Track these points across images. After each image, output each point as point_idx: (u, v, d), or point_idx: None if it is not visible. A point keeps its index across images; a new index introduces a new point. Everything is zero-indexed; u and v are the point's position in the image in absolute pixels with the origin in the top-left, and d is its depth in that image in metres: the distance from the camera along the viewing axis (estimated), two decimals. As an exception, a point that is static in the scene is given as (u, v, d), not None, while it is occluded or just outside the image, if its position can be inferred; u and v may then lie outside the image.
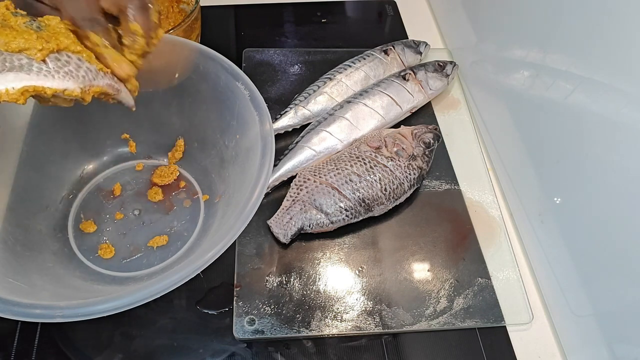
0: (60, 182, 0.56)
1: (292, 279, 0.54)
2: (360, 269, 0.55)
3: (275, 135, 0.55)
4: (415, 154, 0.59)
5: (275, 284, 0.53)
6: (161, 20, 0.64)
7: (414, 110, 0.67)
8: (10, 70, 0.31)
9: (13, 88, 0.31)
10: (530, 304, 0.54)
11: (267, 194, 0.59)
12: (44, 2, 0.36)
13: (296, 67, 0.73)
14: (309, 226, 0.55)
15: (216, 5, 0.81)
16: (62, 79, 0.33)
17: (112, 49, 0.38)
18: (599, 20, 0.45)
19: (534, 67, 0.56)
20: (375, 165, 0.57)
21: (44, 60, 0.32)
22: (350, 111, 0.63)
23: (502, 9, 0.63)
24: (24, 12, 0.35)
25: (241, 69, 0.50)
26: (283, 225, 0.55)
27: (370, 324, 0.51)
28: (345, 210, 0.55)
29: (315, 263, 0.55)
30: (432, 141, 0.60)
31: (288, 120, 0.64)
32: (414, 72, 0.68)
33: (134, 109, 0.41)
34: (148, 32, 0.39)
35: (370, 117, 0.63)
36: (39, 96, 0.33)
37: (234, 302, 0.51)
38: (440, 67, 0.69)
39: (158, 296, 0.37)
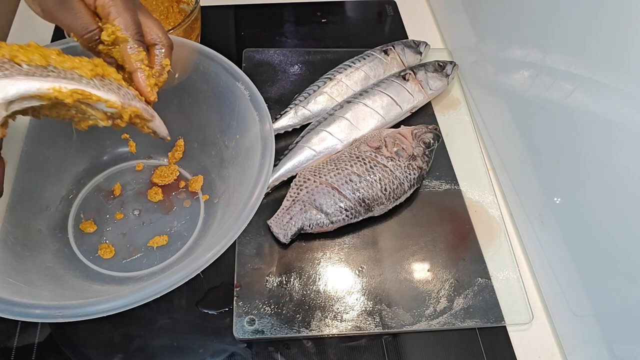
0: (60, 182, 0.56)
1: (292, 279, 0.54)
2: (360, 269, 0.55)
3: (275, 135, 0.55)
4: (415, 154, 0.59)
5: (275, 284, 0.53)
6: (161, 20, 0.65)
7: (414, 110, 0.67)
8: (64, 78, 0.36)
9: (65, 88, 0.36)
10: (530, 304, 0.54)
11: (267, 194, 0.59)
12: (98, 13, 0.40)
13: (296, 67, 0.73)
14: (309, 226, 0.55)
15: (216, 5, 0.81)
16: (106, 92, 0.38)
17: (150, 70, 0.42)
18: (598, 20, 0.45)
19: (534, 67, 0.56)
20: (375, 165, 0.57)
21: (91, 79, 0.38)
22: (350, 111, 0.63)
23: (502, 9, 0.63)
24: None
25: (241, 69, 0.50)
26: (283, 225, 0.55)
27: (370, 324, 0.51)
28: (345, 210, 0.55)
29: (315, 263, 0.55)
30: (432, 141, 0.60)
31: (288, 120, 0.64)
32: (414, 72, 0.68)
33: (168, 138, 0.45)
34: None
35: (370, 117, 0.63)
36: (79, 113, 0.39)
37: (234, 302, 0.51)
38: (440, 67, 0.69)
39: (158, 296, 0.37)
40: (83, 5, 0.39)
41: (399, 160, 0.58)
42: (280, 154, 0.61)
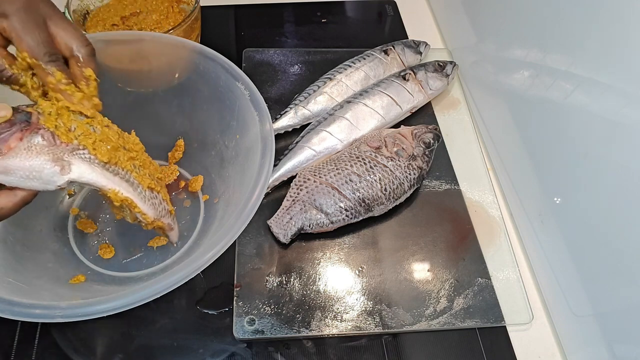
0: (60, 182, 0.56)
1: (292, 279, 0.54)
2: (360, 269, 0.55)
3: (275, 135, 0.55)
4: (415, 154, 0.59)
5: (275, 284, 0.53)
6: (161, 20, 0.65)
7: (414, 110, 0.67)
8: (126, 182, 0.41)
9: (121, 194, 0.41)
10: (530, 304, 0.54)
11: (267, 194, 0.59)
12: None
13: (296, 67, 0.73)
14: (309, 226, 0.55)
15: (216, 5, 0.81)
16: (148, 206, 0.43)
17: (73, 87, 0.40)
18: (599, 20, 0.45)
19: (534, 67, 0.56)
20: (375, 165, 0.57)
21: (145, 190, 0.43)
22: (350, 111, 0.63)
23: (502, 9, 0.63)
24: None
25: (241, 69, 0.50)
26: (283, 225, 0.55)
27: (370, 324, 0.51)
28: (345, 210, 0.55)
29: (315, 263, 0.55)
30: (432, 141, 0.60)
31: (288, 120, 0.64)
32: (414, 72, 0.68)
33: (176, 245, 0.51)
34: (97, 76, 0.42)
35: (370, 117, 0.63)
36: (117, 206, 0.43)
37: (234, 302, 0.51)
38: (440, 67, 0.69)
39: (158, 296, 0.37)
40: None
41: (399, 160, 0.58)
42: (280, 154, 0.61)
